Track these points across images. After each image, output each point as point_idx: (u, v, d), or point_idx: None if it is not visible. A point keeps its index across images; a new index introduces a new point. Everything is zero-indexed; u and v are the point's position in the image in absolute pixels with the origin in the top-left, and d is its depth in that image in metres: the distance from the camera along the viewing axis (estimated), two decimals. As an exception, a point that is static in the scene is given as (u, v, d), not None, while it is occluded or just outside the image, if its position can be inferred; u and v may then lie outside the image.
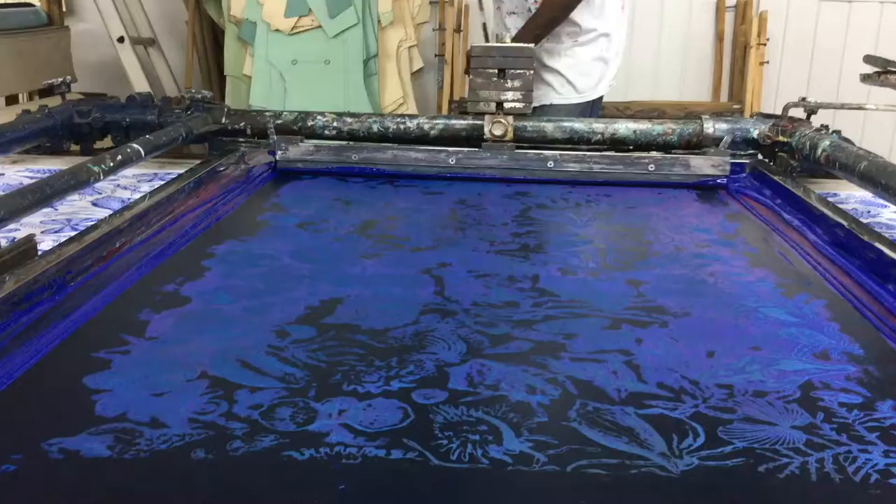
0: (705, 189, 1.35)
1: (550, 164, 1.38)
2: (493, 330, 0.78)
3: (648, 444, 0.58)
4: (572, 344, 0.75)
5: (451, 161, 1.39)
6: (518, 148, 1.41)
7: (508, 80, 1.41)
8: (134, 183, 1.35)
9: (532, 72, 1.41)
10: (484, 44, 1.41)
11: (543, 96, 2.08)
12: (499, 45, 1.42)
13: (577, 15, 1.99)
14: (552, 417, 0.62)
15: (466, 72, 1.99)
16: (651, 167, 1.36)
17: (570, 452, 0.57)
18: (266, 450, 0.57)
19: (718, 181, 1.36)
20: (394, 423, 0.61)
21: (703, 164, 1.35)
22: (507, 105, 1.41)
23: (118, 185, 1.33)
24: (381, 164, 1.40)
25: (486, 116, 1.41)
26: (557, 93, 2.09)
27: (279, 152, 1.42)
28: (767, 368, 0.70)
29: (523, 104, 1.41)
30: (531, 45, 1.45)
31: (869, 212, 1.23)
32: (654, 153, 1.40)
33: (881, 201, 1.21)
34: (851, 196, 1.31)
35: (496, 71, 1.39)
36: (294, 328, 0.78)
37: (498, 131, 1.41)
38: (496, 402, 0.64)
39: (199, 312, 0.82)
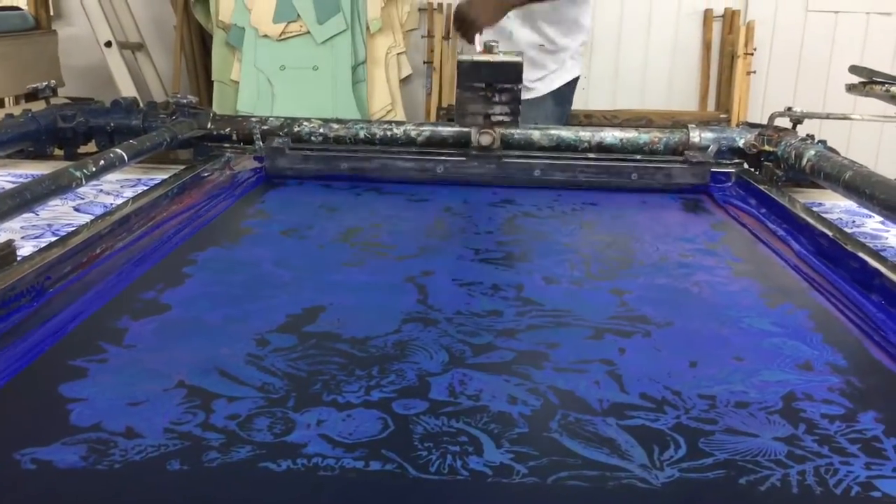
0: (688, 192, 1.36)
1: (536, 172, 1.38)
2: (476, 339, 0.77)
3: (629, 455, 0.58)
4: (555, 353, 0.75)
5: (439, 170, 1.39)
6: (505, 157, 1.41)
7: (496, 94, 1.38)
8: (117, 188, 1.34)
9: (521, 85, 1.38)
10: (472, 56, 1.37)
11: (557, 78, 2.09)
12: (487, 58, 1.36)
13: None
14: (533, 428, 0.62)
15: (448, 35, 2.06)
16: (634, 176, 1.36)
17: (551, 464, 0.57)
18: (242, 461, 0.57)
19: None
20: (373, 433, 0.60)
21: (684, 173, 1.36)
22: (494, 119, 1.40)
23: (101, 191, 1.31)
24: (369, 172, 1.39)
25: (474, 128, 1.41)
26: (569, 72, 2.11)
27: (267, 162, 1.40)
28: (750, 379, 0.70)
29: (511, 118, 1.39)
30: (520, 58, 1.37)
31: (853, 221, 1.24)
32: (637, 158, 1.40)
33: (866, 211, 1.21)
34: (836, 206, 1.31)
35: (484, 85, 1.37)
36: (274, 336, 0.77)
37: (485, 141, 1.40)
38: (477, 412, 0.64)
39: (178, 320, 0.81)
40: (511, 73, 1.36)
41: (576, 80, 2.21)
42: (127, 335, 0.77)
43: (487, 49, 1.37)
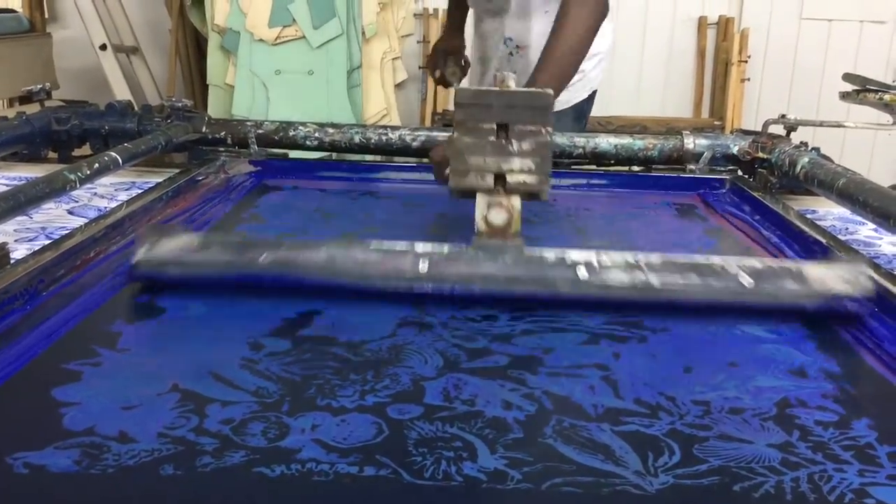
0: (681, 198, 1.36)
1: (581, 271, 0.84)
2: (471, 344, 0.77)
3: (624, 461, 0.58)
4: (550, 358, 0.75)
5: (421, 268, 0.85)
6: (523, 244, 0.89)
7: (514, 142, 0.84)
8: (111, 191, 1.34)
9: (551, 128, 0.86)
10: (475, 87, 1.00)
11: (580, 89, 1.70)
12: (500, 90, 0.91)
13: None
14: (528, 434, 0.62)
15: (430, 72, 1.63)
16: (747, 281, 0.83)
17: (545, 470, 0.57)
18: (236, 466, 0.56)
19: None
20: (367, 438, 0.60)
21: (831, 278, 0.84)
22: (512, 179, 0.85)
23: (95, 194, 1.31)
24: (305, 270, 0.87)
25: (479, 195, 0.87)
26: (591, 83, 1.75)
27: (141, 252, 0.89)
28: (744, 385, 0.70)
29: (537, 178, 0.85)
30: (551, 91, 0.88)
31: (847, 229, 1.24)
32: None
33: (859, 218, 1.22)
34: (830, 213, 1.31)
35: (494, 127, 0.85)
36: (269, 340, 0.77)
37: (498, 219, 0.85)
38: (472, 417, 0.64)
39: (173, 324, 0.81)
40: (537, 108, 0.85)
41: (594, 93, 1.84)
42: (121, 339, 0.77)
43: (500, 81, 0.97)
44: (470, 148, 0.85)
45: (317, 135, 1.47)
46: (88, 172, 1.10)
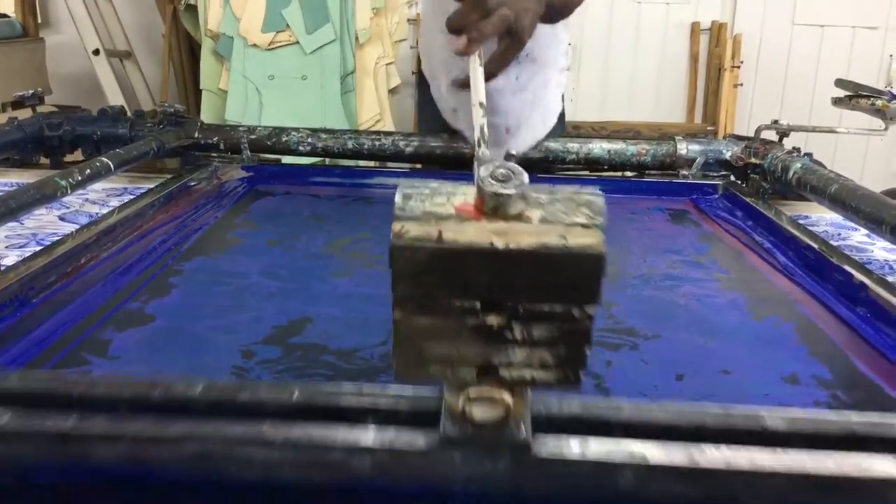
0: (674, 204, 1.36)
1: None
2: (463, 351, 0.77)
3: (616, 469, 0.57)
4: (542, 366, 0.74)
5: (364, 464, 0.44)
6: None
7: (518, 328, 0.37)
8: (103, 197, 1.33)
9: (598, 304, 0.38)
10: (438, 231, 0.36)
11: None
12: (499, 246, 0.35)
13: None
14: (520, 441, 0.61)
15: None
16: None
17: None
18: (226, 474, 0.56)
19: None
20: (359, 446, 0.59)
21: None
22: (511, 374, 0.39)
23: (87, 200, 1.31)
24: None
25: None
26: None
27: None
28: (736, 392, 0.70)
29: (559, 374, 0.39)
30: (602, 249, 0.37)
31: (839, 234, 1.24)
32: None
33: (851, 224, 1.22)
34: (822, 218, 1.32)
35: (477, 305, 0.37)
36: (260, 348, 0.76)
37: (484, 414, 0.40)
38: (464, 425, 0.63)
39: (163, 331, 0.81)
40: (576, 278, 0.37)
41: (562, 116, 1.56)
42: (111, 346, 0.76)
43: (499, 180, 0.36)
44: (428, 334, 0.39)
45: (310, 140, 1.47)
46: (80, 178, 1.09)
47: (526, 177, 0.37)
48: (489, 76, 0.93)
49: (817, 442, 0.43)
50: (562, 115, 1.53)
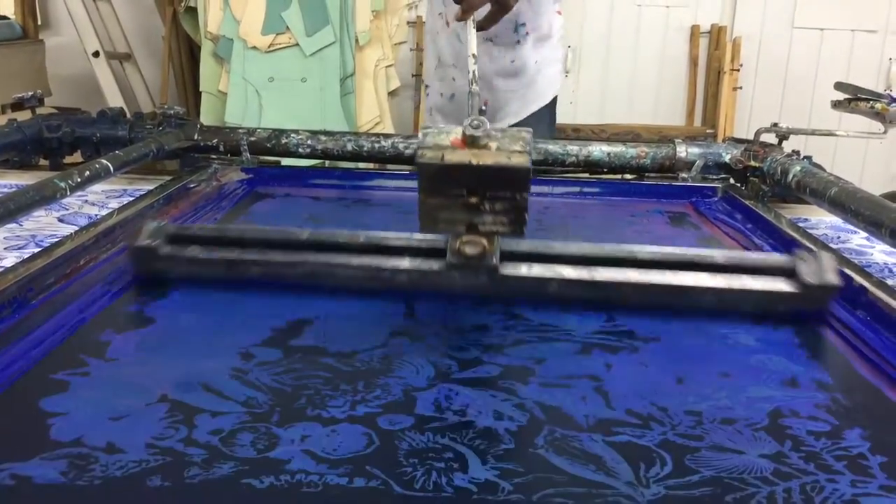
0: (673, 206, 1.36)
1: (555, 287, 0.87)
2: (463, 354, 0.77)
3: (615, 472, 0.58)
4: (542, 369, 0.74)
5: (403, 279, 0.88)
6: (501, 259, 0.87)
7: (489, 203, 0.78)
8: (102, 199, 1.33)
9: (528, 193, 0.76)
10: (441, 155, 0.74)
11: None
12: (469, 158, 0.73)
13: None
14: (519, 444, 0.61)
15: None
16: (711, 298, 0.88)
17: (536, 481, 0.56)
18: (224, 477, 0.56)
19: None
20: (358, 449, 0.60)
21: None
22: (484, 228, 0.81)
23: (86, 201, 1.31)
24: (292, 279, 0.91)
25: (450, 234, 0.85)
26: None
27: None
28: (736, 395, 0.70)
29: (511, 228, 0.80)
30: (528, 164, 0.73)
31: (839, 237, 1.24)
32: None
33: (851, 227, 1.22)
34: (822, 221, 1.32)
35: (464, 192, 0.77)
36: (259, 350, 0.76)
37: (472, 250, 0.84)
38: (463, 428, 0.63)
39: (162, 333, 0.80)
40: (515, 180, 0.76)
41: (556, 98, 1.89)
42: (110, 348, 0.76)
43: (474, 128, 0.73)
44: (438, 208, 0.79)
45: (309, 142, 1.47)
46: (79, 180, 1.09)
47: (488, 124, 0.73)
48: (480, 30, 1.35)
49: (666, 265, 0.87)
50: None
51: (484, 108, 0.95)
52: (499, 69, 1.78)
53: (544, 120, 1.83)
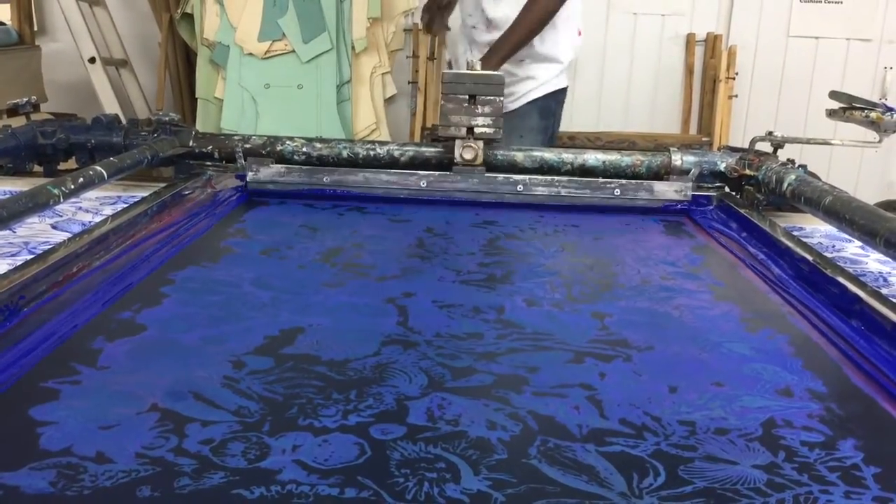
0: (669, 215, 1.37)
1: (520, 187, 1.42)
2: (456, 362, 0.77)
3: (608, 482, 0.57)
4: (535, 378, 0.74)
5: (423, 184, 1.41)
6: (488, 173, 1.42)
7: (479, 106, 1.40)
8: (97, 206, 1.32)
9: (502, 98, 1.41)
10: (455, 70, 1.41)
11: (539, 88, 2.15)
12: (470, 72, 1.42)
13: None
14: (512, 454, 0.61)
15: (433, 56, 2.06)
16: (616, 191, 1.41)
17: (529, 491, 0.56)
18: (214, 487, 0.55)
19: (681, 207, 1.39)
20: (349, 459, 0.59)
21: (667, 190, 1.42)
22: (477, 130, 1.41)
23: (80, 208, 1.30)
24: (351, 186, 1.41)
25: (457, 141, 1.42)
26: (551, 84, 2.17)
27: (250, 174, 1.42)
28: (730, 405, 0.69)
29: (493, 129, 1.40)
30: (501, 73, 1.45)
31: (833, 246, 1.24)
32: (620, 180, 1.43)
33: (845, 236, 1.22)
34: (816, 230, 1.32)
35: (467, 97, 1.40)
36: (251, 359, 0.76)
37: (468, 155, 1.42)
38: (455, 437, 0.63)
39: (154, 341, 0.80)
40: (493, 86, 1.40)
41: (563, 97, 2.26)
42: (101, 356, 0.76)
43: (470, 66, 1.44)
44: (451, 110, 1.41)
45: (304, 149, 1.47)
46: (73, 187, 1.09)
47: (479, 65, 1.49)
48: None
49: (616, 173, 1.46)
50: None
51: (469, 60, 1.53)
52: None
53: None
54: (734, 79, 3.70)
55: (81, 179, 1.12)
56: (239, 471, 0.57)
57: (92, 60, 3.53)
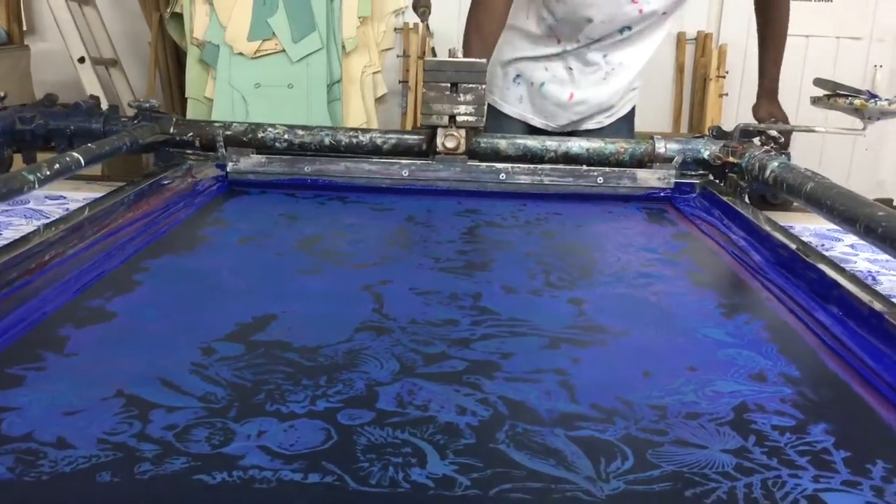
0: (651, 202, 1.36)
1: (503, 176, 1.40)
2: (429, 349, 0.76)
3: (575, 467, 0.56)
4: (508, 363, 0.73)
5: (404, 173, 1.40)
6: (470, 161, 1.41)
7: (461, 94, 1.37)
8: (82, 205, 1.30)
9: (484, 86, 1.37)
10: (437, 58, 1.38)
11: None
12: (452, 59, 1.37)
13: None
14: (480, 439, 0.60)
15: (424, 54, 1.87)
16: (600, 179, 1.41)
17: (494, 476, 0.55)
18: (175, 473, 0.54)
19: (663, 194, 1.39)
20: (315, 444, 0.58)
21: (650, 178, 1.42)
22: (459, 119, 1.38)
23: (67, 209, 1.27)
24: (333, 175, 1.40)
25: (439, 129, 1.40)
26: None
27: (230, 164, 1.40)
28: (702, 389, 0.69)
29: (475, 118, 1.37)
30: (483, 59, 1.40)
31: (822, 245, 1.23)
32: (604, 168, 1.43)
33: (835, 234, 1.21)
34: (806, 229, 1.30)
35: (449, 85, 1.37)
36: (221, 345, 0.75)
37: (450, 144, 1.39)
38: (424, 423, 0.62)
39: (123, 328, 0.79)
40: (475, 73, 1.37)
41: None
42: (68, 343, 0.75)
43: (452, 54, 1.40)
44: (432, 98, 1.38)
45: (286, 136, 1.45)
46: (48, 173, 1.07)
47: (461, 54, 1.39)
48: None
49: (600, 161, 1.45)
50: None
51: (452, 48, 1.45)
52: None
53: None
54: (725, 77, 3.69)
55: (57, 165, 1.10)
56: (201, 456, 0.56)
57: (81, 60, 3.51)
